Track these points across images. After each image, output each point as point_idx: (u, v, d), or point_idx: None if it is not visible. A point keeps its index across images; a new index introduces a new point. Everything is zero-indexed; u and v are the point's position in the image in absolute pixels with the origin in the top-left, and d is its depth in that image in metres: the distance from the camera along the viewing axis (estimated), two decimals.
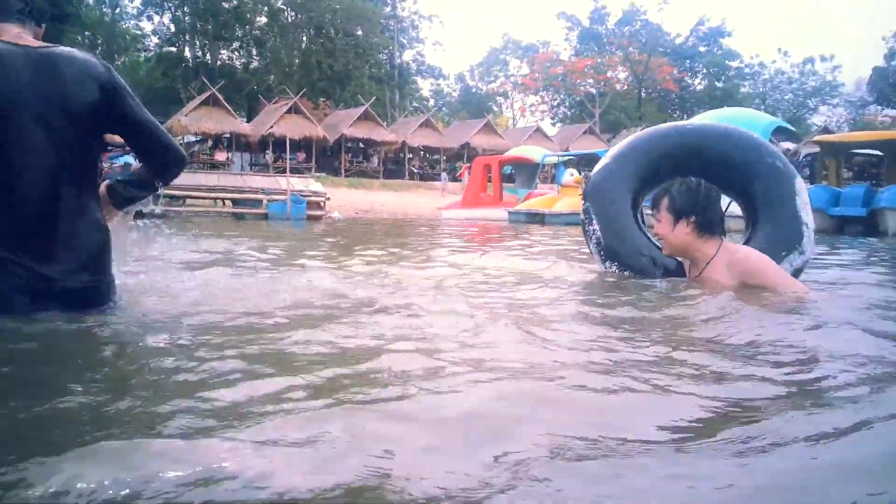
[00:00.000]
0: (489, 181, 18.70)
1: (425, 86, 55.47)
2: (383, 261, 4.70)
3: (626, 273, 3.29)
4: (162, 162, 2.16)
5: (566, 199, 15.79)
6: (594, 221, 3.41)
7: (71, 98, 1.88)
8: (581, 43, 53.06)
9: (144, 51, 44.15)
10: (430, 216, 19.50)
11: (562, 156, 19.55)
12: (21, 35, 1.89)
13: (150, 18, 42.01)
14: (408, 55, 50.12)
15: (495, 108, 55.86)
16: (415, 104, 49.91)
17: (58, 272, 1.88)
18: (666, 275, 3.15)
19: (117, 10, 42.44)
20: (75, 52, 1.95)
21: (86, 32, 39.06)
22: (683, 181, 2.92)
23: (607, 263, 3.37)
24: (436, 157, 36.65)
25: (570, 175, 17.14)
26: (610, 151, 3.69)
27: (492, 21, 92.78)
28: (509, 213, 16.13)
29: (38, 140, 1.84)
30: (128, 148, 3.04)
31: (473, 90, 57.86)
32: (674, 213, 2.85)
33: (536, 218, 15.13)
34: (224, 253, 5.04)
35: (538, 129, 37.49)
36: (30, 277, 1.83)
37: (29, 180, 1.85)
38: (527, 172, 19.98)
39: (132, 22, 43.40)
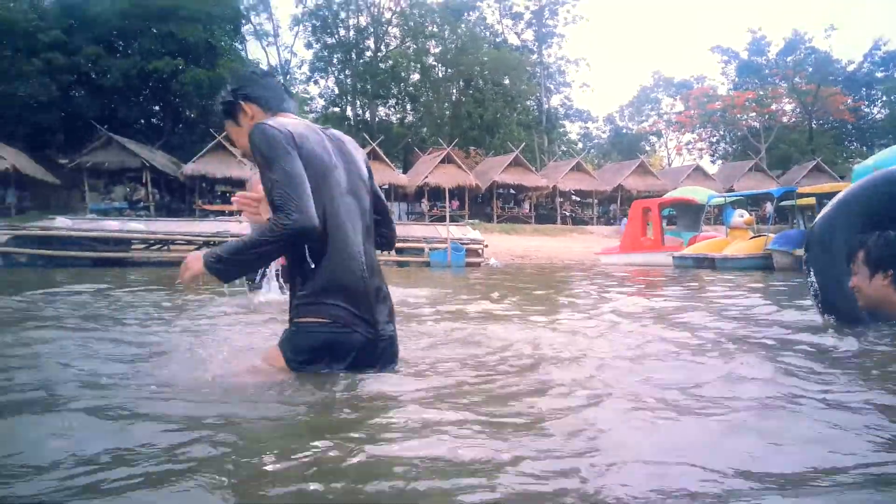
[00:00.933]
0: (648, 224, 17.92)
1: (574, 129, 55.20)
2: (580, 310, 4.48)
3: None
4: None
5: (738, 242, 14.72)
6: (812, 273, 3.30)
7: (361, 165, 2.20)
8: (740, 76, 50.31)
9: (312, 112, 48.00)
10: (587, 261, 19.02)
11: (729, 196, 18.30)
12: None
13: (316, 83, 45.75)
14: (555, 100, 50.30)
15: (648, 148, 54.22)
16: (563, 148, 49.72)
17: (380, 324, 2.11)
18: None
19: (288, 76, 46.64)
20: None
21: None
22: (882, 233, 2.85)
23: (825, 316, 3.30)
24: (588, 200, 36.02)
25: (740, 216, 15.98)
26: (834, 199, 3.39)
27: (641, 60, 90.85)
28: (674, 257, 15.27)
29: (352, 206, 2.08)
30: None
31: (624, 131, 56.65)
32: (870, 266, 2.82)
33: (705, 263, 14.20)
34: (430, 301, 5.08)
35: (697, 168, 35.71)
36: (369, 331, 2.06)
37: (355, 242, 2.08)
38: (690, 214, 18.93)
39: (301, 87, 47.43)
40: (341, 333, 1.99)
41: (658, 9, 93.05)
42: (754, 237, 14.97)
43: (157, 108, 36.73)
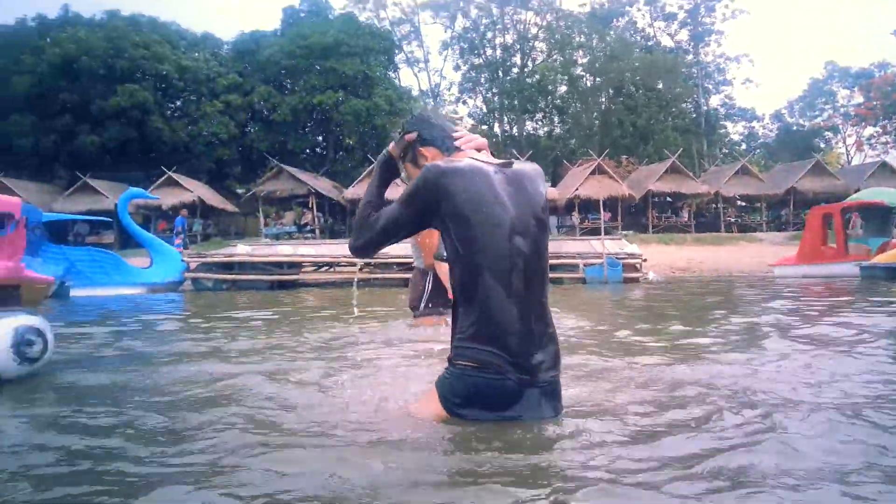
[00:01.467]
0: (829, 231, 16.23)
1: (737, 130, 51.64)
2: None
3: None
4: None
5: None
6: None
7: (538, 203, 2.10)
8: None
9: None
10: (758, 273, 17.61)
11: None
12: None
13: (464, 103, 46.82)
14: (714, 100, 47.40)
15: (823, 146, 49.34)
16: (725, 151, 46.69)
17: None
18: None
19: (438, 98, 48.18)
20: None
21: None
22: None
23: None
24: (756, 205, 33.47)
25: None
26: None
27: (811, 50, 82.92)
28: (862, 267, 13.67)
29: (518, 248, 2.01)
30: None
31: (794, 128, 52.01)
32: None
33: None
34: (590, 331, 4.94)
35: (884, 165, 31.84)
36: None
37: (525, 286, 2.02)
38: (878, 219, 16.87)
39: (451, 107, 48.76)
40: (493, 380, 1.94)
41: None
42: None
43: (320, 138, 39.46)
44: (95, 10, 37.02)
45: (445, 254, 2.06)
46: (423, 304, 4.73)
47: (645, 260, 14.27)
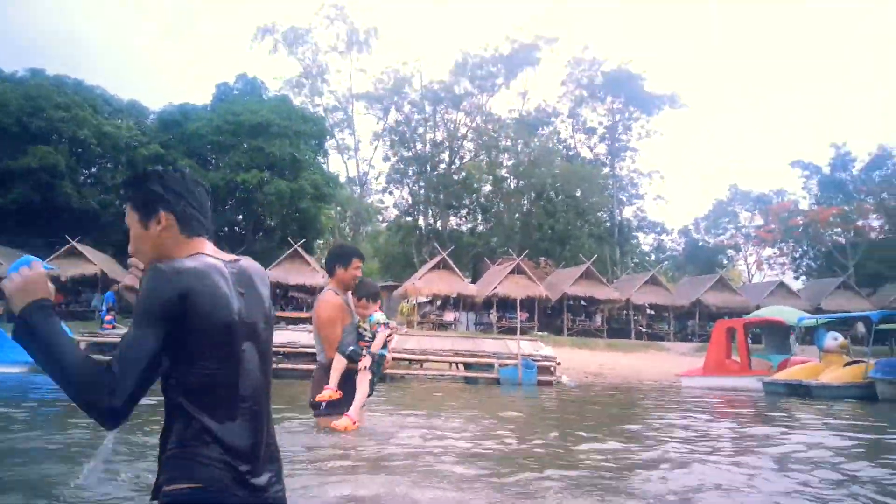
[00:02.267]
0: (733, 345, 16.86)
1: (647, 241, 54.41)
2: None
3: None
4: None
5: (833, 368, 13.56)
6: None
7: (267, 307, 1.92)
8: (822, 191, 48.87)
9: (385, 221, 49.45)
10: (665, 381, 17.94)
11: (821, 318, 17.09)
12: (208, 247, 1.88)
13: (391, 193, 47.42)
14: (628, 212, 50.01)
15: (725, 262, 52.54)
16: (636, 260, 48.90)
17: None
18: None
19: (365, 187, 48.60)
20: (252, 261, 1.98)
21: (338, 207, 44.97)
22: None
23: None
24: (664, 314, 34.77)
25: (835, 339, 14.78)
26: None
27: (716, 172, 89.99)
28: (765, 383, 14.15)
29: (251, 353, 1.82)
30: None
31: (700, 244, 55.36)
32: None
33: (800, 390, 13.06)
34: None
35: (781, 284, 34.15)
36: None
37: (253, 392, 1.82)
38: (779, 336, 17.74)
39: (376, 196, 49.24)
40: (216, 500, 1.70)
41: (735, 124, 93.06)
42: (850, 363, 13.79)
43: (240, 217, 38.63)
44: (18, 67, 35.89)
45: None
46: (323, 405, 4.37)
47: (559, 363, 14.26)
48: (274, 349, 9.27)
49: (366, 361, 4.33)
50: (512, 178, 45.11)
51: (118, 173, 33.11)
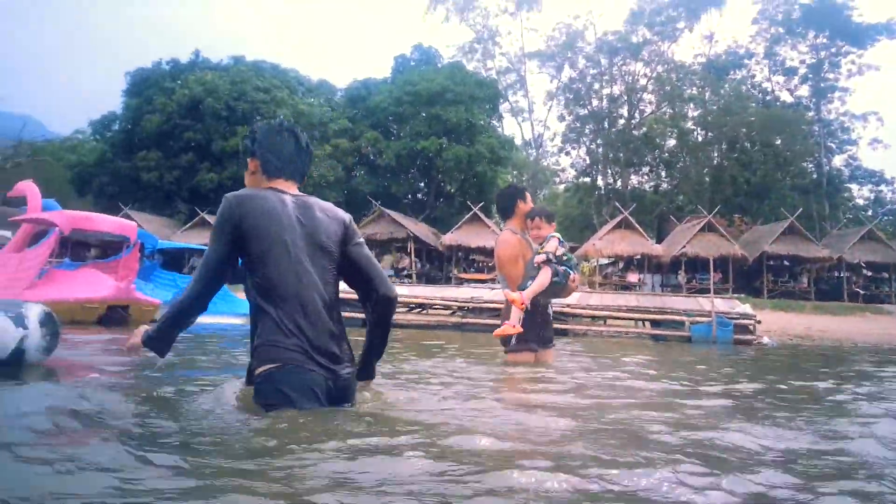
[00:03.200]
0: None
1: (862, 193, 48.00)
2: None
3: None
4: (372, 290, 2.50)
5: None
6: None
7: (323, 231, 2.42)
8: None
9: (562, 183, 48.56)
10: (887, 344, 15.77)
11: None
12: (290, 186, 2.50)
13: (567, 154, 46.28)
14: (838, 160, 44.30)
15: None
16: (848, 215, 43.37)
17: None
18: None
19: (541, 149, 47.99)
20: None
21: (514, 171, 44.95)
22: None
23: None
24: (884, 274, 30.62)
25: None
26: None
27: None
28: None
29: (307, 263, 2.35)
30: None
31: None
32: None
33: None
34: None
35: None
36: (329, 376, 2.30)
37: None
38: None
39: (553, 158, 48.37)
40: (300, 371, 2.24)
41: None
42: None
43: (422, 184, 40.08)
44: (223, 56, 39.93)
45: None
46: (514, 339, 4.29)
47: (759, 322, 13.03)
48: (459, 304, 9.51)
49: (575, 274, 4.27)
50: (699, 129, 41.95)
51: (314, 147, 35.75)
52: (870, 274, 31.99)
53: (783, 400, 3.83)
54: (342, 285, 2.48)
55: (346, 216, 2.51)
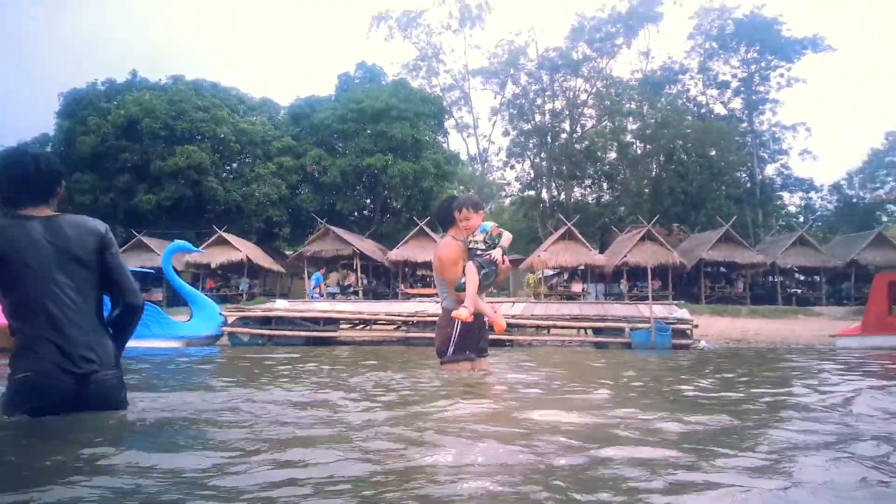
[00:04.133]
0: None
1: (793, 200, 50.10)
2: None
3: None
4: (119, 298, 2.66)
5: None
6: None
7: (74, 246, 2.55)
8: None
9: (508, 196, 49.16)
10: (818, 344, 16.48)
11: None
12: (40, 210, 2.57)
13: (512, 168, 46.92)
14: (770, 169, 46.18)
15: (885, 219, 47.25)
16: (781, 222, 45.18)
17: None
18: None
19: (486, 164, 48.53)
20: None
21: (460, 187, 45.27)
22: None
23: None
24: (815, 277, 31.97)
25: None
26: None
27: (870, 120, 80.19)
28: None
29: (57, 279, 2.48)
30: None
31: (854, 200, 50.17)
32: None
33: None
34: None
35: None
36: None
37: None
38: None
39: (498, 173, 48.98)
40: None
41: (885, 65, 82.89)
42: None
43: (368, 200, 39.98)
44: (161, 76, 39.13)
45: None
46: (450, 349, 4.31)
47: (696, 326, 13.46)
48: (403, 318, 9.56)
49: (497, 253, 4.15)
50: (638, 142, 43.13)
51: (256, 166, 35.31)
52: (801, 278, 33.40)
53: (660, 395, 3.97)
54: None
55: (103, 226, 2.66)
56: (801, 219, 47.95)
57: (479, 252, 4.19)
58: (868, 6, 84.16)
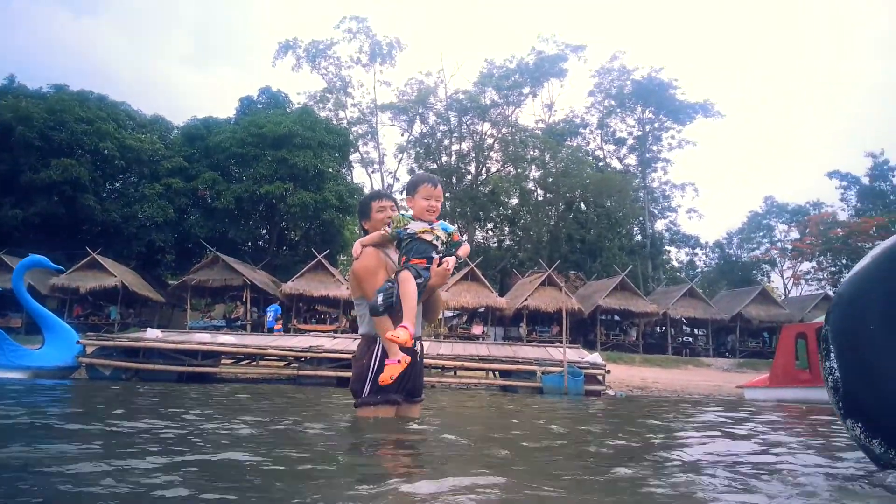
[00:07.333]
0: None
1: (680, 255, 52.70)
2: None
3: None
4: None
5: None
6: (832, 354, 2.39)
7: None
8: (862, 202, 47.01)
9: None
10: (721, 394, 16.53)
11: None
12: None
13: None
14: (660, 224, 48.47)
15: (760, 277, 50.48)
16: (666, 276, 47.24)
17: None
18: None
19: None
20: None
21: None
22: None
23: (849, 422, 2.36)
24: (702, 330, 33.15)
25: None
26: (874, 250, 2.44)
27: (751, 183, 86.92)
28: None
29: None
30: None
31: (733, 259, 53.42)
32: None
33: None
34: None
35: (826, 297, 32.32)
36: None
37: None
38: None
39: (402, 211, 48.25)
40: None
41: (767, 134, 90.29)
42: None
43: (264, 230, 37.93)
44: (43, 83, 35.81)
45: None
46: (366, 387, 3.27)
47: (608, 371, 12.99)
48: (294, 354, 8.21)
49: (452, 262, 3.38)
50: (539, 189, 43.92)
51: (141, 186, 32.64)
52: (689, 329, 34.63)
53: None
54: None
55: None
56: (684, 273, 50.43)
57: (424, 251, 3.29)
58: (757, 80, 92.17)
